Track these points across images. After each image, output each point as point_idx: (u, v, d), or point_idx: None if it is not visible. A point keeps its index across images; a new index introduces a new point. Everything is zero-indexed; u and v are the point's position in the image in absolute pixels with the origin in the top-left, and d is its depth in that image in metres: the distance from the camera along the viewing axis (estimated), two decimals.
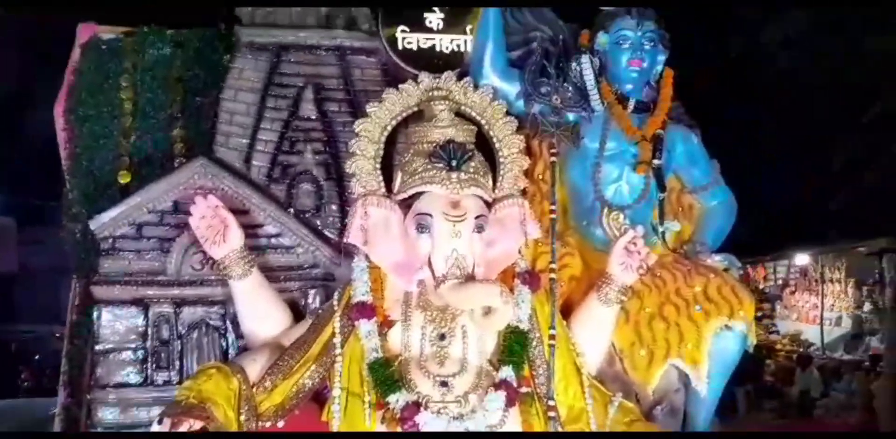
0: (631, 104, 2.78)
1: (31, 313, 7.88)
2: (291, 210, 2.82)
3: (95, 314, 2.65)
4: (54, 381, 3.30)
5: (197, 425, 2.01)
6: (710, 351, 2.55)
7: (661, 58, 2.82)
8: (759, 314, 12.51)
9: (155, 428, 2.00)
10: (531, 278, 2.37)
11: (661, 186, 2.80)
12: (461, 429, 2.08)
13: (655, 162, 2.75)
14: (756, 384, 9.03)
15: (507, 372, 2.20)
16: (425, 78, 2.45)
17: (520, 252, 2.42)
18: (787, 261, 12.62)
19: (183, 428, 1.99)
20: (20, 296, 9.30)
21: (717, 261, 2.73)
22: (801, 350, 10.70)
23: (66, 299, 3.17)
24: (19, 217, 10.21)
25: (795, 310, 12.15)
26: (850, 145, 6.75)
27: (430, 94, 2.41)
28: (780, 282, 13.14)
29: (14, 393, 5.95)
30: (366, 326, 2.21)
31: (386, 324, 2.24)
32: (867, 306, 10.47)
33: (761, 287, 13.11)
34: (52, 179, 3.49)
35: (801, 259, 11.87)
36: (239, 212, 2.55)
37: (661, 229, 2.82)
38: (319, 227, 2.83)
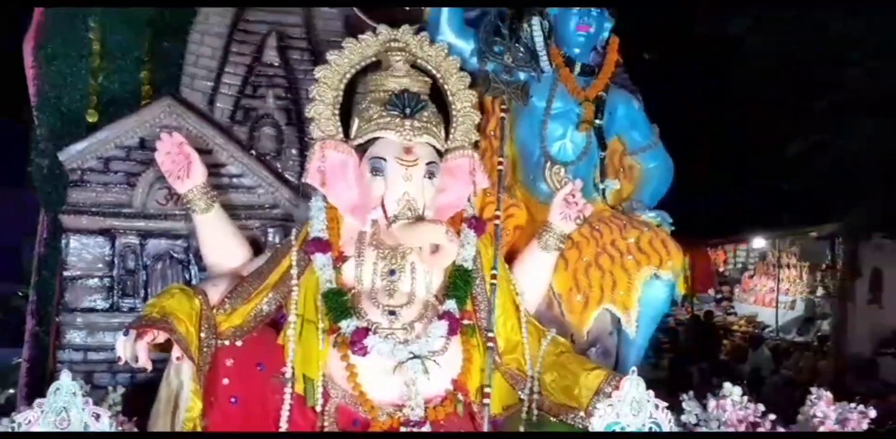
0: (577, 67, 2.89)
1: None
2: (253, 152, 2.91)
3: (63, 242, 2.75)
4: (17, 337, 3.38)
5: (161, 337, 2.11)
6: (640, 298, 2.71)
7: (608, 25, 2.93)
8: (719, 296, 12.80)
9: (120, 339, 2.08)
10: (477, 223, 2.48)
11: (602, 145, 2.95)
12: (406, 353, 2.21)
13: (597, 122, 2.89)
14: (711, 362, 9.34)
15: (450, 304, 2.34)
16: (384, 30, 2.51)
17: (469, 200, 2.52)
18: (747, 246, 12.89)
19: (147, 339, 2.09)
20: None
21: (650, 216, 2.88)
22: (756, 331, 11.02)
23: (26, 265, 3.25)
24: None
25: (753, 293, 12.36)
26: (803, 130, 6.89)
27: (388, 44, 2.47)
28: (739, 265, 13.43)
29: None
30: (321, 259, 2.32)
31: (340, 259, 2.35)
32: (820, 291, 10.63)
33: (721, 270, 13.42)
34: (11, 158, 3.49)
35: (759, 243, 12.09)
36: (203, 151, 2.62)
37: (601, 187, 2.98)
38: (280, 170, 2.92)
